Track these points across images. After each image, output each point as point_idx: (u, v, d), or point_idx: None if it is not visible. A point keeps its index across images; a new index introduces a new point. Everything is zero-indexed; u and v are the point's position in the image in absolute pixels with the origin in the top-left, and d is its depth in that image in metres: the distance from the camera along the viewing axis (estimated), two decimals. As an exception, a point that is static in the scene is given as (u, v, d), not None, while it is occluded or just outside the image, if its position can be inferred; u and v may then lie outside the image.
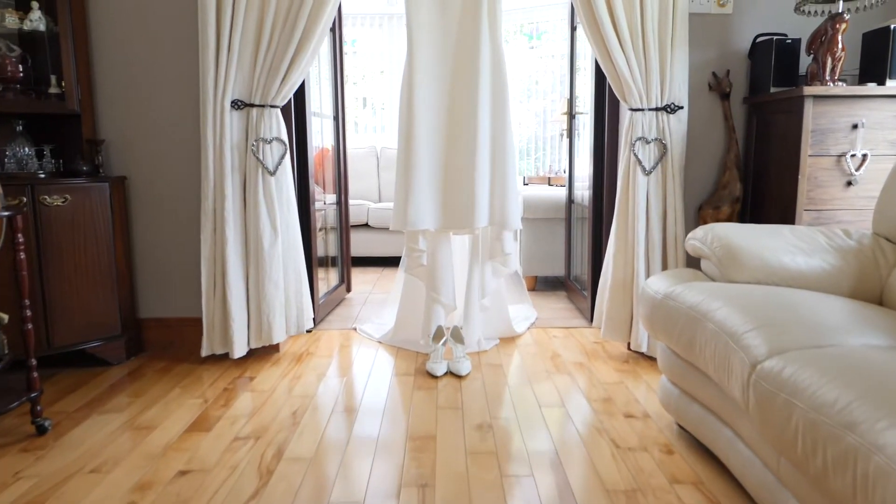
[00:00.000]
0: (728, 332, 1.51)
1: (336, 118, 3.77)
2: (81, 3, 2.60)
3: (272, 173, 2.61)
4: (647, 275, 2.64)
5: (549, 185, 5.09)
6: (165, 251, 2.81)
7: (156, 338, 2.85)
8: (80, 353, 2.58)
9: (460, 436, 1.99)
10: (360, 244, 5.02)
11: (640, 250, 2.61)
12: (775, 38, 2.49)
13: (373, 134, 6.60)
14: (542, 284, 4.27)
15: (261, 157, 2.58)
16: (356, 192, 5.43)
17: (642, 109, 2.60)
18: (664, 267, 2.66)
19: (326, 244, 3.74)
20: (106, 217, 2.57)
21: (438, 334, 2.70)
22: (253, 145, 2.57)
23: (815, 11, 2.39)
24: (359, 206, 4.98)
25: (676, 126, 2.62)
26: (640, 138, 2.60)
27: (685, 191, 2.73)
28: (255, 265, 2.63)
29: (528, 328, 3.18)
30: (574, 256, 3.88)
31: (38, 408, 1.99)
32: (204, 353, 2.63)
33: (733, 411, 1.59)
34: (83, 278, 2.51)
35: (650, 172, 2.61)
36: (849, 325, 1.43)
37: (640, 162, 2.60)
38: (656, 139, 2.61)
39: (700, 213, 2.72)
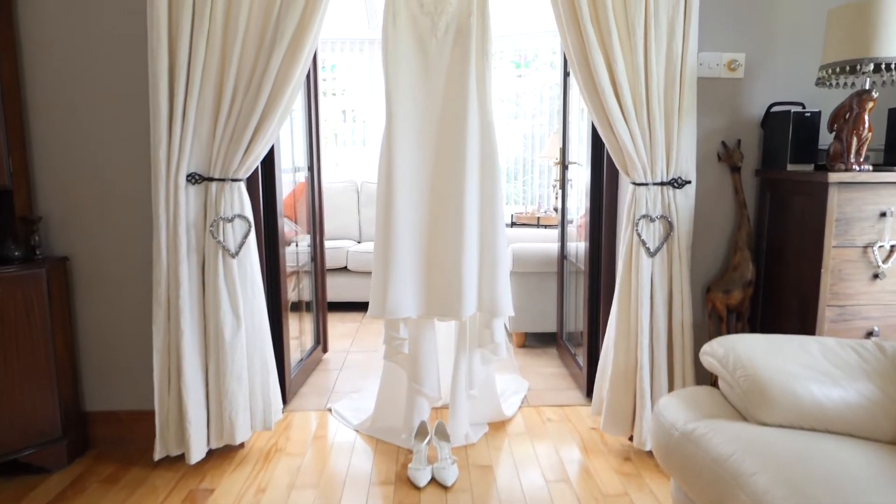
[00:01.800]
0: (768, 516, 1.26)
1: (311, 168, 3.48)
2: (13, 60, 2.29)
3: (234, 255, 2.32)
4: (652, 365, 2.39)
5: (538, 225, 4.84)
6: (115, 337, 2.50)
7: (104, 433, 2.55)
8: (14, 461, 2.27)
9: (446, 587, 1.73)
10: (339, 289, 4.74)
11: (643, 341, 2.36)
12: (793, 110, 2.26)
13: (352, 147, 6.30)
14: (532, 339, 4.02)
15: (221, 239, 2.29)
16: (334, 230, 5.14)
17: (646, 184, 2.35)
18: (670, 356, 2.42)
19: (300, 291, 3.46)
20: (43, 306, 2.26)
21: (422, 431, 2.44)
22: (212, 226, 2.28)
23: (838, 83, 2.16)
24: (337, 250, 4.69)
25: (683, 202, 2.38)
26: (644, 216, 2.35)
27: (692, 270, 2.48)
28: (216, 358, 2.33)
29: (519, 407, 2.92)
30: (567, 315, 3.64)
31: (-52, 565, 1.69)
32: (157, 456, 2.33)
33: None
34: (15, 380, 2.20)
35: (655, 254, 2.36)
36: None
37: (643, 243, 2.35)
38: (661, 216, 2.37)
39: (708, 296, 2.48)
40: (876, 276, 2.11)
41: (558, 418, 2.81)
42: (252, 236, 2.37)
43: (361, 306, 4.87)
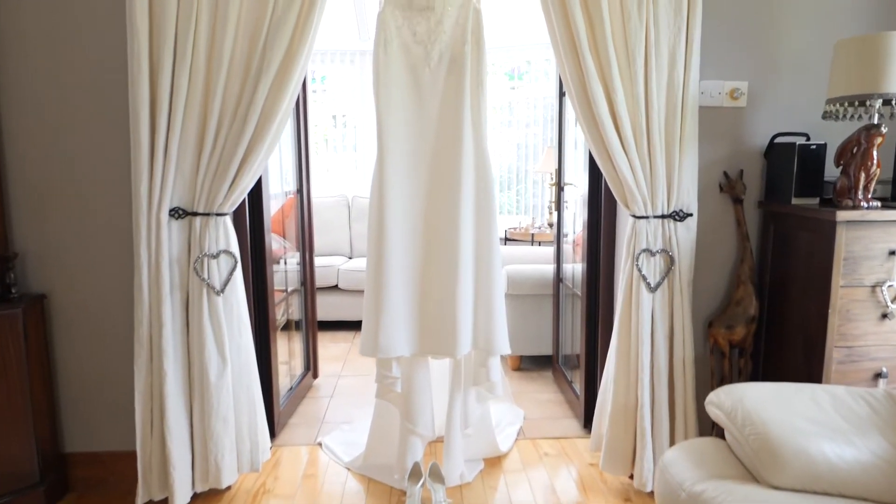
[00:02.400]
0: None
1: (300, 191, 3.39)
2: (-12, 93, 2.19)
3: (219, 292, 2.23)
4: (653, 403, 2.32)
5: (532, 241, 4.77)
6: (96, 376, 2.40)
7: (85, 475, 2.45)
8: (-11, 509, 2.17)
9: None
10: (330, 308, 4.64)
11: (644, 379, 2.28)
12: (798, 142, 2.19)
13: (343, 153, 6.20)
14: (527, 362, 3.94)
15: (205, 277, 2.20)
16: (325, 246, 5.05)
17: (647, 217, 2.28)
18: (671, 394, 2.34)
19: (289, 313, 3.37)
20: (18, 348, 2.16)
21: (415, 473, 2.35)
22: (196, 263, 2.19)
23: (846, 116, 2.09)
24: (327, 268, 4.60)
25: (685, 235, 2.30)
26: (644, 250, 2.28)
27: (692, 303, 2.41)
28: (200, 399, 2.24)
29: (515, 439, 2.84)
30: (563, 339, 3.56)
31: None
32: (140, 501, 2.23)
33: None
34: (-11, 427, 2.10)
35: (656, 289, 2.29)
36: None
37: (644, 278, 2.27)
38: (662, 250, 2.29)
39: (710, 331, 2.41)
40: (885, 315, 2.05)
41: (555, 452, 2.73)
42: (238, 272, 2.28)
43: (353, 325, 4.77)
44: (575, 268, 3.34)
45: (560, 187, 3.48)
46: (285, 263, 3.35)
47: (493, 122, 6.20)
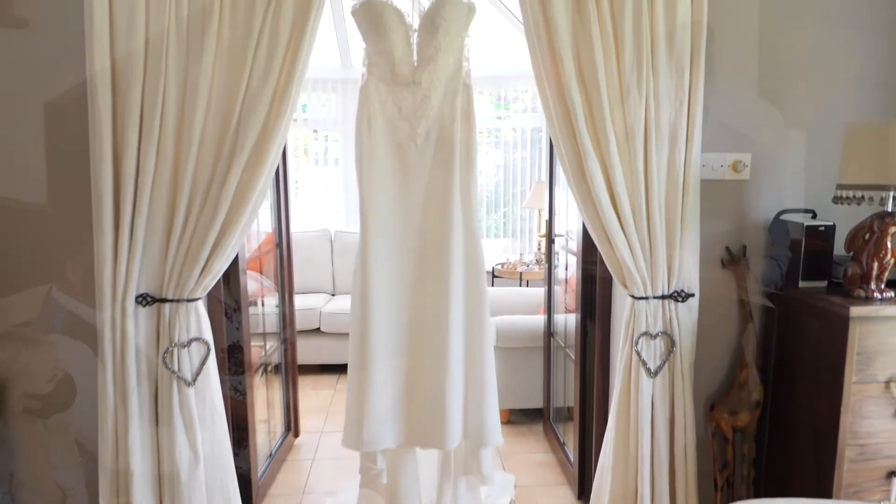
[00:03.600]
0: None
1: (279, 245, 3.24)
2: (-65, 172, 2.01)
3: (190, 384, 2.07)
4: (653, 493, 2.19)
5: (521, 281, 4.64)
6: (57, 472, 2.22)
7: (46, 574, 2.27)
8: None
9: None
10: (312, 351, 4.48)
11: (644, 470, 2.16)
12: (806, 224, 2.08)
13: (324, 167, 5.99)
14: (517, 414, 3.81)
15: (175, 369, 2.04)
16: (307, 283, 4.87)
17: (646, 298, 2.16)
18: (671, 482, 2.22)
19: (268, 369, 3.22)
20: (-30, 450, 1.99)
21: (402, 570, 2.21)
22: (165, 353, 2.03)
23: (859, 200, 1.97)
24: (309, 311, 4.43)
25: (686, 316, 2.19)
26: (644, 333, 2.16)
27: (694, 384, 2.29)
28: (171, 499, 2.08)
29: (507, 515, 2.71)
30: (554, 395, 3.44)
31: None
32: None
33: None
34: (-64, 541, 1.93)
35: (656, 374, 2.17)
36: None
37: (644, 363, 2.15)
38: (662, 332, 2.17)
39: (713, 415, 2.30)
40: (898, 412, 1.95)
41: (549, 531, 2.61)
42: (211, 360, 2.12)
43: (336, 368, 4.60)
44: (567, 318, 3.22)
45: (550, 239, 3.36)
46: (263, 305, 3.20)
47: (479, 144, 6.06)
